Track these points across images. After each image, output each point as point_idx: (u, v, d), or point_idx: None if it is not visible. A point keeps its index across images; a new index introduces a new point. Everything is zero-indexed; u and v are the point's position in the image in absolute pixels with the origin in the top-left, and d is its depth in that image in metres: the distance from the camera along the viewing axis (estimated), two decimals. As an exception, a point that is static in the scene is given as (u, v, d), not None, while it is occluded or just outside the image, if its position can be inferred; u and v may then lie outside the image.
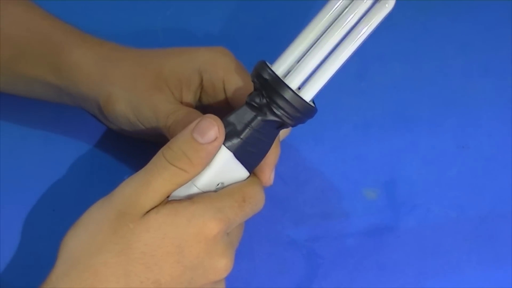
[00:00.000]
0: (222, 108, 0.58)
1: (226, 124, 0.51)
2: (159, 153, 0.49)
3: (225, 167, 0.51)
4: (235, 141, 0.51)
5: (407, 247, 0.60)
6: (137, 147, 0.63)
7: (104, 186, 0.50)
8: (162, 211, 0.48)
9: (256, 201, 0.52)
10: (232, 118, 0.51)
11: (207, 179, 0.51)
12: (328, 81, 0.50)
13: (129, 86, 0.57)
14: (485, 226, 0.61)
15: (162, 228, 0.48)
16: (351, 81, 0.68)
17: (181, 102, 0.57)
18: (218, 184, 0.51)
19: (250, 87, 0.52)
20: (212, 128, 0.49)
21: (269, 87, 0.50)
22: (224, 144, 0.50)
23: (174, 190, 0.50)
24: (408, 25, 0.72)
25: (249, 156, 0.52)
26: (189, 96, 0.58)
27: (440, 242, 0.60)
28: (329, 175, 0.63)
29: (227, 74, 0.57)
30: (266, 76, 0.50)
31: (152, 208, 0.49)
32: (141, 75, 0.57)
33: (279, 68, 0.51)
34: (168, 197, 0.50)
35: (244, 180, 0.52)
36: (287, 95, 0.50)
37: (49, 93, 0.61)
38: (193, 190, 0.51)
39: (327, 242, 0.60)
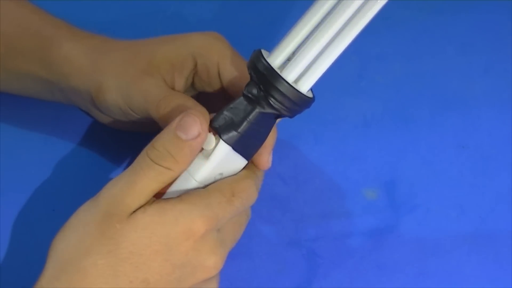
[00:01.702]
0: (215, 94, 0.58)
1: (223, 117, 0.51)
2: (143, 152, 0.50)
3: (224, 159, 0.51)
4: (233, 134, 0.50)
5: (407, 247, 0.60)
6: (136, 146, 0.63)
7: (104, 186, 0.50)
8: (149, 210, 0.48)
9: (247, 195, 0.51)
10: (229, 110, 0.51)
11: (206, 172, 0.51)
12: (325, 71, 0.50)
13: (120, 73, 0.57)
14: (485, 226, 0.61)
15: (149, 227, 0.48)
16: (351, 80, 0.68)
17: (173, 88, 0.57)
18: (217, 176, 0.51)
19: (245, 73, 0.52)
20: (194, 125, 0.49)
21: (265, 81, 0.50)
22: (222, 138, 0.50)
23: (160, 188, 0.50)
24: (408, 25, 0.72)
25: (247, 146, 0.52)
26: (181, 82, 0.57)
27: (440, 242, 0.60)
28: (329, 175, 0.63)
29: (222, 59, 0.56)
30: (263, 70, 0.50)
31: (139, 208, 0.49)
32: (132, 62, 0.57)
33: (276, 59, 0.50)
34: (155, 195, 0.50)
35: (241, 169, 0.52)
36: (284, 89, 0.50)
37: (41, 89, 0.60)
38: (192, 183, 0.51)
39: (327, 242, 0.60)
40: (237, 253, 0.52)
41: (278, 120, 0.54)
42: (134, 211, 0.48)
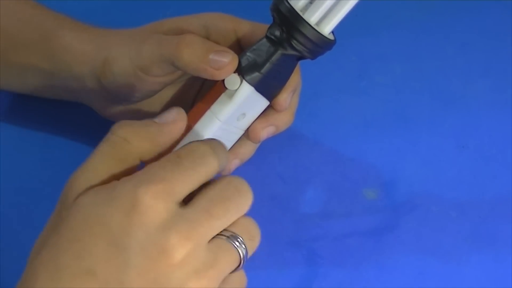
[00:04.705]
0: None
1: (246, 58, 0.52)
2: None
3: (247, 100, 0.52)
4: (256, 75, 0.51)
5: (407, 247, 0.60)
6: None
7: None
8: (90, 191, 0.43)
9: (199, 154, 0.45)
10: (251, 51, 0.52)
11: (229, 112, 0.52)
12: (346, 14, 0.51)
13: (126, 43, 0.56)
14: (485, 226, 0.61)
15: (84, 208, 0.42)
16: (351, 81, 0.68)
17: None
18: (239, 116, 0.52)
19: (263, 32, 0.52)
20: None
21: (288, 22, 0.51)
22: (244, 78, 0.51)
23: (119, 168, 0.44)
24: (408, 25, 0.72)
25: (270, 87, 0.53)
26: None
27: (440, 242, 0.60)
28: (329, 175, 0.63)
29: (237, 24, 0.56)
30: (285, 12, 0.51)
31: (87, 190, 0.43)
32: (138, 32, 0.56)
33: (299, 1, 0.51)
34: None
35: (263, 109, 0.53)
36: (306, 31, 0.50)
37: (42, 83, 0.60)
38: (215, 123, 0.51)
39: (327, 242, 0.60)
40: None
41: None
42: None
